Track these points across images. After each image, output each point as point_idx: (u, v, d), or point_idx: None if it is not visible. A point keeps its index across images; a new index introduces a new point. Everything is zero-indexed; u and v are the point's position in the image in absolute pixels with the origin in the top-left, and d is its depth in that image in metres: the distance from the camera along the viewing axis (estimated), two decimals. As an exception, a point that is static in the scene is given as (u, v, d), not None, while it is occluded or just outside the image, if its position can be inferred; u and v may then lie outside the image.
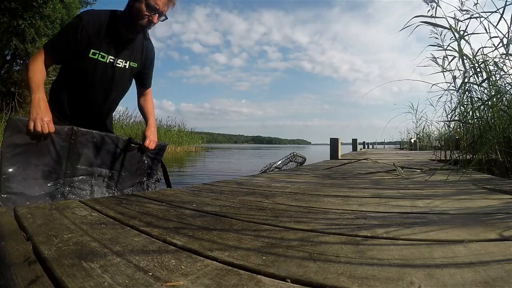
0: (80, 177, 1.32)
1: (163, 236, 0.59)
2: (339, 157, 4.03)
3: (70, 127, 1.25)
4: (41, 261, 0.46)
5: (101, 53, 1.30)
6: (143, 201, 0.96)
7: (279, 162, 3.23)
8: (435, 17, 2.12)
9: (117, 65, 1.36)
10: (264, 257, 0.48)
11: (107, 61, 1.33)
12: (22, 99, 11.86)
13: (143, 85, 1.58)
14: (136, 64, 1.44)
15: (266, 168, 3.10)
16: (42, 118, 1.13)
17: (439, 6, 2.10)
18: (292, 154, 3.53)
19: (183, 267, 0.44)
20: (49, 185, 1.21)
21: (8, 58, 12.73)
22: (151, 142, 1.47)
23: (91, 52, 1.28)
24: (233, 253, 0.50)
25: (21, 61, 12.69)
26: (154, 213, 0.79)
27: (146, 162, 1.53)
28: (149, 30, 1.48)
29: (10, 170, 1.09)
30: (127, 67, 1.40)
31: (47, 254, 0.48)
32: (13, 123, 1.10)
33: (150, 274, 0.42)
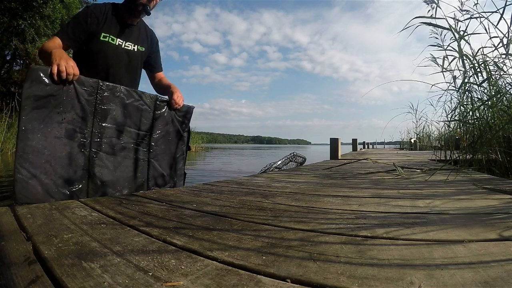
0: (108, 139, 1.20)
1: (163, 236, 0.59)
2: (339, 157, 4.03)
3: (95, 79, 1.14)
4: (41, 261, 0.46)
5: (110, 36, 1.35)
6: (143, 201, 0.96)
7: (279, 162, 3.23)
8: (435, 17, 2.12)
9: (126, 47, 1.41)
10: (264, 257, 0.48)
11: (117, 44, 1.37)
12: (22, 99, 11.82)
13: (154, 68, 1.59)
14: (144, 48, 1.48)
15: (266, 168, 3.10)
16: (67, 60, 1.05)
17: (439, 7, 2.10)
18: (292, 154, 3.53)
19: (183, 267, 0.44)
20: (73, 145, 1.09)
21: (8, 58, 12.73)
22: (179, 97, 1.47)
23: (101, 35, 1.33)
24: (233, 253, 0.50)
25: (21, 61, 12.69)
26: (154, 213, 0.79)
27: (175, 125, 1.47)
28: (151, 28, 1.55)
29: (29, 126, 0.97)
30: (135, 50, 1.44)
31: (47, 254, 0.48)
32: (34, 72, 0.98)
33: (150, 274, 0.42)
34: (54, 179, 1.03)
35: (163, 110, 1.43)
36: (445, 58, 2.44)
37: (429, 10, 2.12)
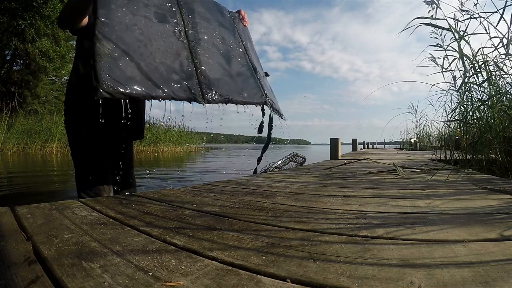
0: (202, 34, 1.04)
1: (163, 236, 0.59)
2: (339, 157, 4.03)
3: None
4: (41, 261, 0.46)
5: None
6: (143, 201, 0.96)
7: (279, 162, 3.23)
8: (435, 18, 2.12)
9: None
10: (264, 257, 0.48)
11: None
12: (22, 99, 11.86)
13: None
14: None
15: (266, 168, 3.10)
16: None
17: (439, 8, 2.10)
18: (292, 154, 3.53)
19: (183, 267, 0.44)
20: (167, 30, 0.92)
21: (8, 58, 12.74)
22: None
23: None
24: (233, 253, 0.50)
25: (21, 61, 12.70)
26: (154, 213, 0.79)
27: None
28: None
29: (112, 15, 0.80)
30: None
31: (47, 254, 0.48)
32: None
33: (150, 274, 0.42)
34: (155, 64, 0.84)
35: (240, 24, 1.37)
36: (445, 58, 2.44)
37: (430, 11, 2.13)
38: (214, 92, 1.00)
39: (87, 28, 1.19)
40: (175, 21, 0.98)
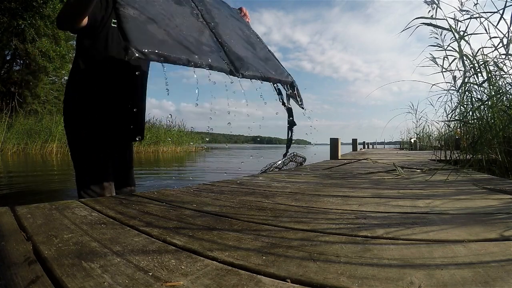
0: (218, 19, 1.04)
1: (163, 236, 0.59)
2: (339, 157, 4.03)
3: None
4: (41, 261, 0.46)
5: None
6: (143, 201, 0.96)
7: (279, 162, 3.23)
8: (435, 18, 2.12)
9: None
10: (264, 257, 0.48)
11: None
12: (22, 99, 11.86)
13: None
14: None
15: (266, 168, 3.10)
16: None
17: (439, 8, 2.10)
18: (292, 154, 3.53)
19: (183, 267, 0.44)
20: (185, 11, 0.90)
21: (8, 58, 12.74)
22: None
23: (112, 21, 1.27)
24: (233, 253, 0.50)
25: (21, 61, 12.71)
26: (154, 213, 0.79)
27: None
28: None
29: None
30: None
31: (47, 254, 0.48)
32: None
33: (150, 274, 0.42)
34: (184, 35, 0.82)
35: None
36: (445, 58, 2.44)
37: (430, 11, 2.13)
38: (246, 67, 0.99)
39: (87, 28, 1.19)
40: (191, 5, 0.98)
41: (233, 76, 0.94)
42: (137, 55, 0.68)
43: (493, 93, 2.16)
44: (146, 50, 0.68)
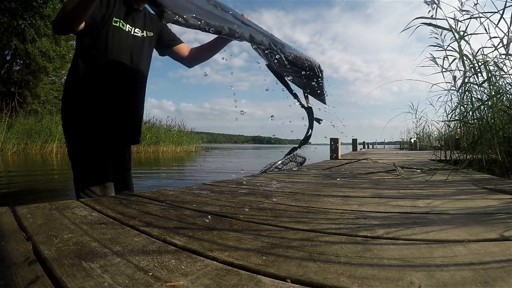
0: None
1: (163, 236, 0.59)
2: (339, 157, 4.03)
3: None
4: (41, 261, 0.46)
5: (121, 21, 1.29)
6: (143, 201, 0.96)
7: (279, 162, 3.22)
8: (435, 18, 2.12)
9: (135, 34, 1.34)
10: (264, 257, 0.48)
11: (127, 30, 1.31)
12: (22, 99, 11.86)
13: (174, 40, 1.51)
14: (152, 33, 1.42)
15: (266, 168, 3.10)
16: None
17: (440, 8, 2.10)
18: (292, 154, 3.52)
19: (183, 267, 0.44)
20: None
21: (8, 58, 12.74)
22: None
23: (113, 20, 1.27)
24: (233, 253, 0.50)
25: (21, 61, 12.71)
26: (154, 213, 0.79)
27: None
28: None
29: None
30: (145, 36, 1.38)
31: (47, 254, 0.48)
32: None
33: (150, 274, 0.42)
34: (209, 14, 0.77)
35: None
36: (445, 58, 2.44)
37: (430, 11, 2.13)
38: (281, 46, 0.96)
39: (86, 29, 1.19)
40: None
41: (273, 51, 0.90)
42: (176, 17, 0.62)
43: (493, 93, 2.16)
44: (184, 15, 0.63)
